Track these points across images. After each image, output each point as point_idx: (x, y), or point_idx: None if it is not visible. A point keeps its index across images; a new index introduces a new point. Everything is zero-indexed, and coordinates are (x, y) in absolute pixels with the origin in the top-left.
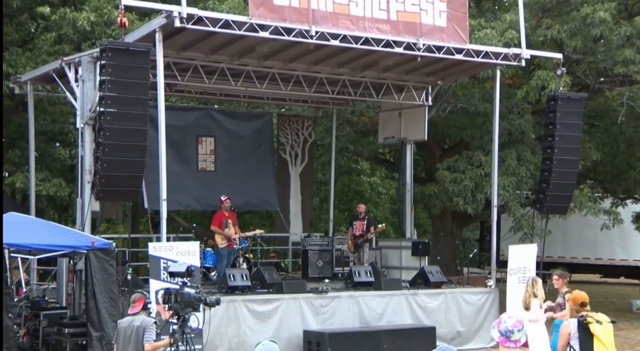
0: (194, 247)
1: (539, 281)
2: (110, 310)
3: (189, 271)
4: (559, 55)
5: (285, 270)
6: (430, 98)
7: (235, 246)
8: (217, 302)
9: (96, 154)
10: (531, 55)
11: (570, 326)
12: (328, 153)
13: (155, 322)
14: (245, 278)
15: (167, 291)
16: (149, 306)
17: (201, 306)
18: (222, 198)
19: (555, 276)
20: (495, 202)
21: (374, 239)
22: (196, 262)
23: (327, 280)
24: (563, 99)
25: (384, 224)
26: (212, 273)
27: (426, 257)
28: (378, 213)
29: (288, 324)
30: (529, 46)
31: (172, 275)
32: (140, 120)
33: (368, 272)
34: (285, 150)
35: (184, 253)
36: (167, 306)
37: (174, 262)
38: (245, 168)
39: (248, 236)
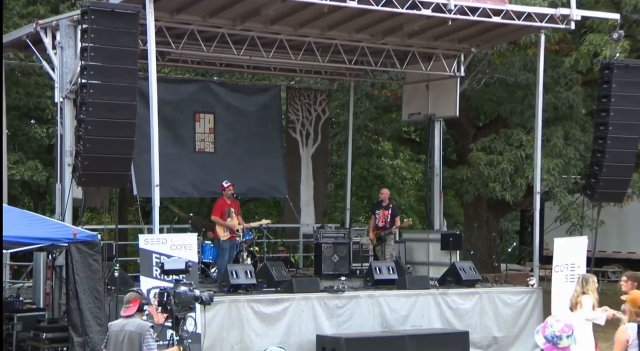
0: (192, 239)
1: (592, 279)
2: (95, 312)
3: (187, 268)
4: (616, 16)
5: (296, 266)
6: (462, 69)
7: (238, 239)
8: (211, 299)
9: (78, 133)
10: (582, 17)
11: (628, 332)
12: (344, 133)
13: (152, 327)
14: (250, 276)
15: (163, 291)
16: (145, 308)
17: (197, 306)
18: (224, 184)
19: (624, 278)
20: (538, 188)
21: (398, 231)
22: (194, 256)
23: (343, 278)
24: (620, 68)
25: (410, 219)
26: (213, 270)
27: (458, 252)
28: (402, 202)
29: (299, 328)
30: (580, 6)
31: (169, 273)
32: (129, 94)
33: (391, 269)
34: (295, 128)
35: (179, 247)
36: (161, 308)
37: (169, 256)
38: (249, 150)
39: (253, 227)
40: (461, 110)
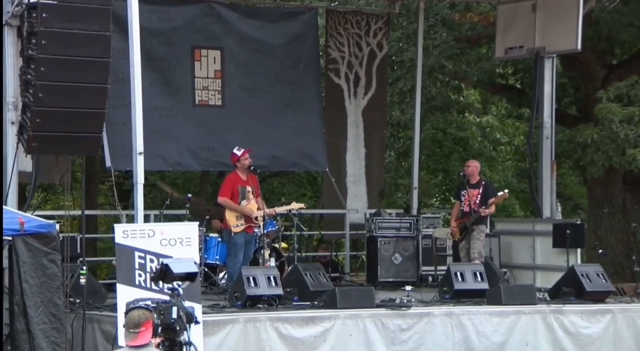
0: (190, 230)
1: None
2: (52, 335)
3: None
4: None
5: (340, 270)
6: None
7: (257, 230)
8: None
9: (25, 77)
10: None
11: None
12: (410, 77)
13: None
14: (273, 283)
15: (161, 305)
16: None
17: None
18: (236, 151)
19: None
20: None
21: (489, 220)
22: (193, 254)
23: (408, 288)
24: None
25: (506, 190)
26: (220, 275)
27: (578, 250)
28: (494, 177)
29: None
30: None
31: (177, 278)
32: (99, 20)
33: (479, 274)
34: (338, 71)
35: (173, 242)
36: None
37: (159, 255)
38: (272, 103)
39: (279, 213)
40: (585, 41)
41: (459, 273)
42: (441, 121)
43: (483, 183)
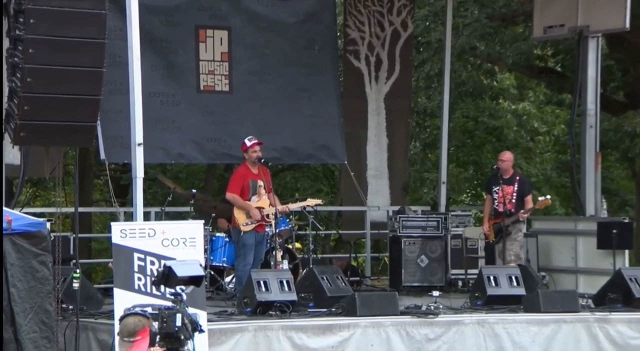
0: (195, 229)
1: None
2: (42, 345)
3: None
4: None
5: (360, 273)
6: None
7: (268, 229)
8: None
9: (12, 59)
10: None
11: None
12: (438, 59)
13: None
14: (286, 288)
15: (163, 312)
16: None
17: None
18: (247, 141)
19: None
20: None
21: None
22: (198, 256)
23: (436, 293)
24: None
25: (548, 197)
26: (228, 278)
27: (626, 252)
28: (531, 171)
29: None
30: None
31: (182, 282)
32: None
33: (514, 278)
34: (358, 53)
35: (176, 242)
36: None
37: (160, 257)
38: (285, 88)
39: (293, 211)
40: (634, 18)
41: (492, 277)
42: (472, 108)
43: (518, 178)
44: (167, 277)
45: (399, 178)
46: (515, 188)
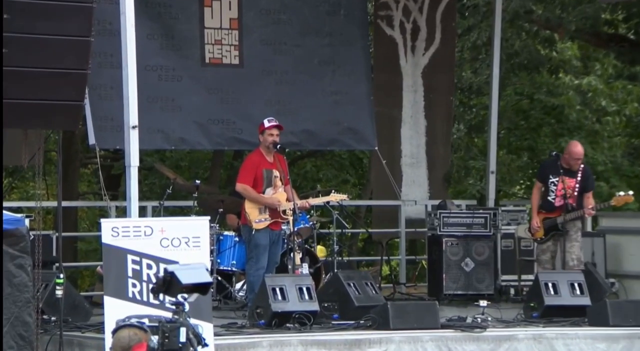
0: (199, 227)
1: None
2: None
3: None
4: None
5: (394, 279)
6: None
7: (285, 227)
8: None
9: None
10: None
11: None
12: (486, 26)
13: None
14: (307, 296)
15: (165, 325)
16: None
17: None
18: (267, 122)
19: None
20: None
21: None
22: (203, 258)
23: (484, 303)
24: None
25: (630, 192)
26: (238, 285)
27: None
28: (598, 159)
29: None
30: None
31: (182, 290)
32: None
33: (577, 286)
34: (391, 19)
35: (177, 242)
36: None
37: (159, 259)
38: (304, 61)
39: (314, 206)
40: None
41: (550, 285)
42: (527, 84)
43: (582, 169)
44: (169, 284)
45: (440, 167)
46: (578, 181)
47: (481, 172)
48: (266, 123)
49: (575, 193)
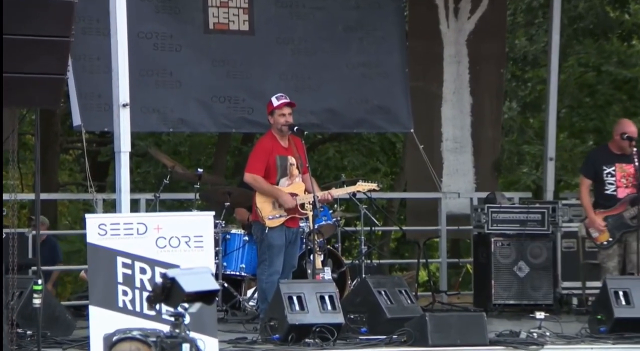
0: (202, 224)
1: None
2: None
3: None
4: None
5: (433, 286)
6: None
7: (303, 224)
8: None
9: None
10: None
11: None
12: None
13: None
14: (329, 306)
15: (164, 341)
16: None
17: None
18: (275, 101)
19: None
20: None
21: None
22: (207, 261)
23: (541, 315)
24: None
25: None
26: (249, 293)
27: None
28: None
29: None
30: None
31: (184, 299)
32: None
33: None
34: None
35: (175, 241)
36: None
37: (155, 262)
38: (326, 26)
39: (338, 198)
40: None
41: (621, 293)
42: (593, 53)
43: (635, 151)
44: (169, 292)
45: (488, 152)
46: (637, 166)
47: (537, 158)
48: (274, 102)
49: (635, 182)
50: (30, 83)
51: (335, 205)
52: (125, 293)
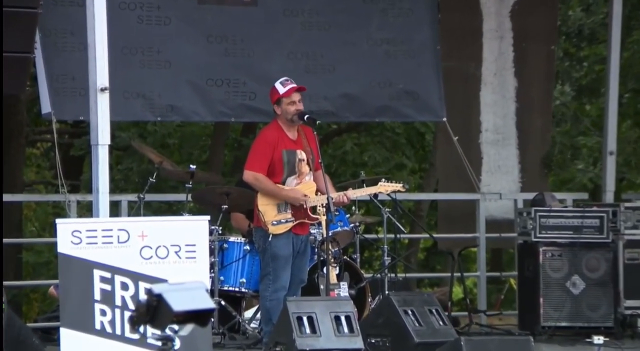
0: (195, 230)
1: None
2: None
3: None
4: None
5: (470, 305)
6: None
7: (315, 231)
8: None
9: None
10: None
11: None
12: None
13: None
14: (346, 328)
15: None
16: None
17: None
18: (281, 86)
19: None
20: None
21: None
22: (201, 274)
23: (599, 339)
24: None
25: None
26: (249, 312)
27: None
28: None
29: None
30: None
31: (174, 320)
32: None
33: None
34: None
35: (163, 251)
36: None
37: (139, 276)
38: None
39: (357, 200)
40: None
41: None
42: None
43: None
44: (155, 312)
45: (536, 145)
46: None
47: (595, 152)
48: (280, 88)
49: None
50: None
51: (354, 208)
52: (103, 312)
